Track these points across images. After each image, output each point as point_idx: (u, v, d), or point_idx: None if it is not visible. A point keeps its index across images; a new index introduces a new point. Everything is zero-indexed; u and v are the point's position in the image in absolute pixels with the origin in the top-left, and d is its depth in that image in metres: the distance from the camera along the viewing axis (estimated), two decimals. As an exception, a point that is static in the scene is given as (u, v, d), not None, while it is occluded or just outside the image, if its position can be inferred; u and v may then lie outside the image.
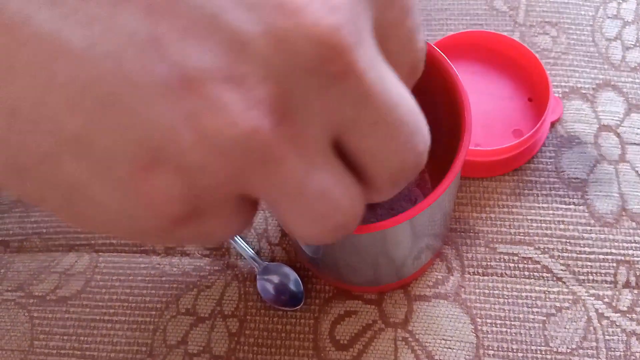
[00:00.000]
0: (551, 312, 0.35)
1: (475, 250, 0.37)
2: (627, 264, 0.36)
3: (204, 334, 0.37)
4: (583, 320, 0.35)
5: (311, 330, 0.36)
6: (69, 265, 0.40)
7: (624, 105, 0.41)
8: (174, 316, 0.38)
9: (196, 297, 0.38)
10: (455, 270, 0.37)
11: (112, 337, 0.38)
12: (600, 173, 0.39)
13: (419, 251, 0.33)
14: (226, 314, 0.37)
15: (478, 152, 0.37)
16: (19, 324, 0.39)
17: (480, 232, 0.38)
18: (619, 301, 0.36)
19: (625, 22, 0.45)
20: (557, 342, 0.35)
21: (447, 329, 0.35)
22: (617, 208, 0.38)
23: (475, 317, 0.36)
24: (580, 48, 0.43)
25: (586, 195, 0.38)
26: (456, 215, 0.39)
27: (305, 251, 0.33)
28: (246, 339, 0.36)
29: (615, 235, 0.37)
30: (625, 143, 0.40)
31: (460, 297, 0.36)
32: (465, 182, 0.40)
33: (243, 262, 0.39)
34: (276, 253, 0.39)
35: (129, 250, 0.40)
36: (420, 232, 0.30)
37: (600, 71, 0.43)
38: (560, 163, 0.40)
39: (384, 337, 0.36)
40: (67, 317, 0.38)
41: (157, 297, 0.38)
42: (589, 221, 0.38)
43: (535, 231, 0.38)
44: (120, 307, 0.38)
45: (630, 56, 0.43)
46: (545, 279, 0.36)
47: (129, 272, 0.39)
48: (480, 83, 0.41)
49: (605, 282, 0.36)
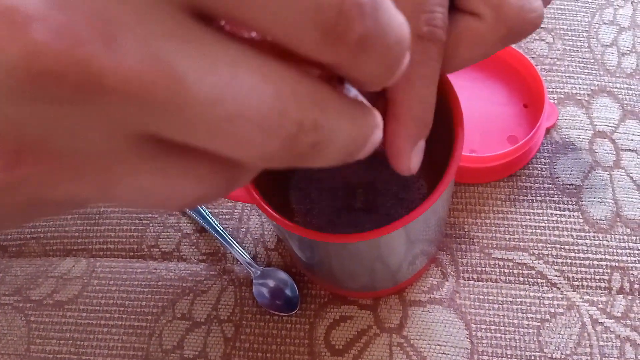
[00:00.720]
0: (545, 318, 0.36)
1: (470, 256, 0.38)
2: (621, 270, 0.36)
3: (199, 339, 0.37)
4: (577, 326, 0.35)
5: (306, 335, 0.36)
6: (66, 270, 0.40)
7: (619, 111, 0.41)
8: (169, 321, 0.38)
9: (192, 302, 0.38)
10: (450, 275, 0.37)
11: (108, 341, 0.38)
12: (595, 179, 0.39)
13: (414, 257, 0.33)
14: (222, 319, 0.37)
15: (473, 158, 0.37)
16: (16, 328, 0.39)
17: (475, 237, 0.38)
18: (613, 307, 0.36)
19: (621, 28, 0.45)
20: (551, 348, 0.35)
21: (442, 334, 0.36)
22: (612, 214, 0.38)
23: (469, 322, 0.36)
24: (575, 54, 0.44)
25: (581, 201, 0.39)
26: (451, 221, 0.39)
27: (301, 257, 0.33)
28: (242, 344, 0.37)
29: (610, 241, 0.37)
30: (620, 149, 0.40)
31: (455, 302, 0.36)
32: (460, 188, 0.40)
33: (239, 267, 0.39)
34: (272, 258, 0.39)
35: (125, 255, 0.40)
36: (415, 238, 0.30)
37: (595, 77, 0.43)
38: (555, 169, 0.40)
39: (379, 342, 0.36)
40: (64, 322, 0.39)
41: (153, 301, 0.38)
42: (584, 227, 0.38)
43: (529, 237, 0.38)
44: (116, 311, 0.39)
45: (625, 62, 0.43)
46: (539, 284, 0.36)
47: (125, 277, 0.39)
48: (476, 89, 0.41)
49: (600, 288, 0.36)
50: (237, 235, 0.40)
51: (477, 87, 0.41)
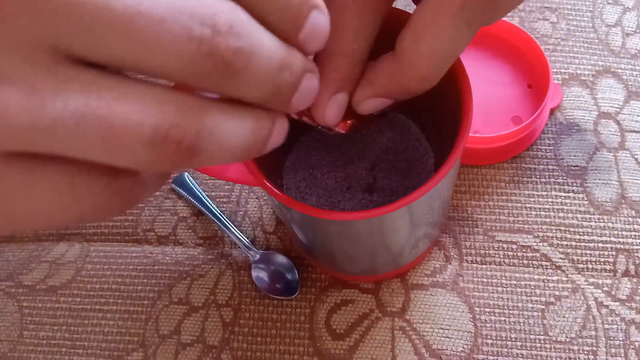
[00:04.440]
0: (550, 301, 0.35)
1: (474, 239, 0.37)
2: (626, 253, 0.36)
3: (197, 324, 0.36)
4: (582, 309, 0.35)
5: (307, 319, 0.36)
6: (59, 254, 0.39)
7: (624, 92, 0.41)
8: (166, 305, 0.37)
9: (189, 286, 0.37)
10: (453, 258, 0.37)
11: (103, 327, 0.37)
12: (600, 161, 0.39)
13: (416, 239, 0.32)
14: (220, 303, 0.37)
15: (477, 139, 0.37)
16: (8, 313, 0.38)
17: (478, 220, 0.37)
18: (618, 290, 0.35)
19: (625, 8, 0.44)
20: (556, 331, 0.34)
21: (445, 318, 0.35)
22: (617, 196, 0.37)
23: (473, 306, 0.35)
24: (580, 34, 0.43)
25: (585, 183, 0.38)
26: (454, 203, 0.38)
27: (302, 239, 0.32)
28: (240, 329, 0.36)
29: (615, 223, 0.37)
30: (624, 130, 0.39)
31: (459, 285, 0.36)
32: (464, 169, 0.39)
33: (237, 251, 0.38)
34: (271, 241, 0.38)
35: (120, 239, 0.39)
36: (418, 220, 0.29)
37: (600, 58, 0.42)
38: (560, 150, 0.39)
39: (381, 327, 0.35)
40: (57, 307, 0.38)
41: (149, 286, 0.38)
42: (588, 209, 0.37)
43: (534, 219, 0.37)
44: (111, 296, 0.38)
45: (630, 43, 0.42)
46: (544, 267, 0.36)
47: (120, 262, 0.38)
48: (480, 69, 0.40)
49: (605, 270, 0.36)
50: (235, 218, 0.39)
51: (481, 67, 0.40)
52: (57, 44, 0.12)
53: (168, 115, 0.13)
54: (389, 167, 0.34)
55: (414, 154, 0.34)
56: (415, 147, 0.34)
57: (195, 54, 0.13)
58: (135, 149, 0.13)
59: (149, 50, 0.12)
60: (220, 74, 0.13)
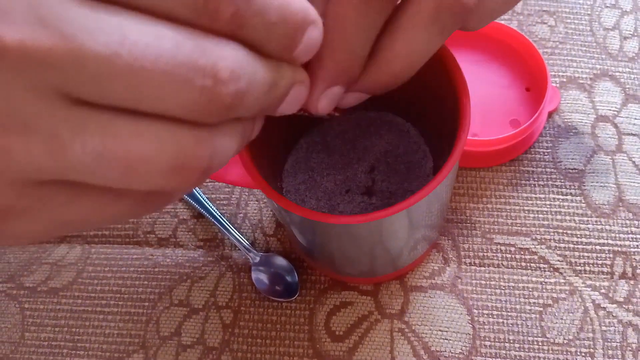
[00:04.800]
0: (548, 303, 0.35)
1: (472, 241, 0.37)
2: (623, 255, 0.36)
3: (197, 326, 0.36)
4: (580, 311, 0.35)
5: (306, 321, 0.36)
6: (60, 256, 0.39)
7: (621, 95, 0.41)
8: (167, 307, 0.37)
9: (190, 288, 0.37)
10: (451, 261, 0.37)
11: (104, 328, 0.37)
12: (597, 163, 0.39)
13: (415, 242, 0.32)
14: (220, 305, 0.37)
15: (475, 142, 0.37)
16: (10, 315, 0.38)
17: (476, 222, 0.38)
18: (615, 292, 0.35)
19: (623, 11, 0.44)
20: (553, 333, 0.34)
21: (444, 320, 0.35)
22: (614, 199, 0.38)
23: (471, 308, 0.35)
24: (578, 37, 0.43)
25: (583, 185, 0.38)
26: (453, 205, 0.38)
27: (301, 242, 0.33)
28: (240, 330, 0.36)
29: (612, 225, 0.37)
30: (622, 133, 0.40)
31: (457, 288, 0.36)
32: (462, 172, 0.39)
33: (237, 253, 0.38)
34: (271, 244, 0.38)
35: (121, 241, 0.40)
36: (417, 222, 0.29)
37: (597, 61, 0.42)
38: (557, 153, 0.39)
39: (380, 328, 0.35)
40: (59, 309, 0.38)
41: (150, 288, 0.38)
42: (586, 212, 0.37)
43: (532, 222, 0.37)
44: (112, 298, 0.38)
45: (628, 46, 0.43)
46: (542, 269, 0.36)
47: (121, 263, 0.39)
48: (478, 72, 0.41)
49: (602, 272, 0.36)
50: (235, 220, 0.39)
51: (479, 70, 0.41)
52: (68, 90, 0.13)
53: (182, 145, 0.14)
54: (388, 170, 0.34)
55: (412, 157, 0.34)
56: (414, 150, 0.34)
57: (197, 102, 0.14)
58: (154, 178, 0.14)
59: (153, 99, 0.13)
60: (218, 111, 0.14)
